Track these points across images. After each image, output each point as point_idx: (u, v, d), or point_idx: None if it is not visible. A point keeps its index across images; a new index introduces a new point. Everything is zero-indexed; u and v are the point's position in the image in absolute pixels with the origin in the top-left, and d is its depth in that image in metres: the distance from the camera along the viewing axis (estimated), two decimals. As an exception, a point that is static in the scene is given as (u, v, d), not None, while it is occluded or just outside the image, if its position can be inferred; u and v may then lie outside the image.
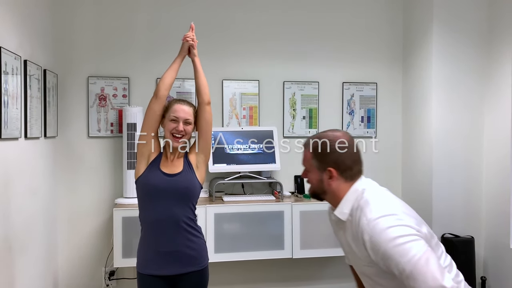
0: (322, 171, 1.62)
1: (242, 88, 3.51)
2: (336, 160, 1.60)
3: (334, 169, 1.60)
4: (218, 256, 3.06)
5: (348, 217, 1.58)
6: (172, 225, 2.00)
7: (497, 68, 3.17)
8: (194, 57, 2.18)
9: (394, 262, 1.40)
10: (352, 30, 3.65)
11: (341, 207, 1.61)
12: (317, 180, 1.64)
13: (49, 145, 3.02)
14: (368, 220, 1.47)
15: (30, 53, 2.61)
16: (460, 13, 3.27)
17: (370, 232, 1.45)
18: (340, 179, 1.61)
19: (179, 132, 2.03)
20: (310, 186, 1.70)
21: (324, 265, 3.61)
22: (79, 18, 3.28)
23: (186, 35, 2.16)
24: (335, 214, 1.62)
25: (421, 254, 1.38)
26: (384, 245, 1.41)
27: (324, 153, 1.62)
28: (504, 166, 3.06)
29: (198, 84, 2.14)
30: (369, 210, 1.50)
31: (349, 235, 1.59)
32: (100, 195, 3.33)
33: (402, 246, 1.39)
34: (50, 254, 3.05)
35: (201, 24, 3.45)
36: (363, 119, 3.68)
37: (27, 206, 2.57)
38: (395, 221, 1.44)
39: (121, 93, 3.35)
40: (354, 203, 1.57)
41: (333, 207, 1.66)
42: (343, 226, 1.63)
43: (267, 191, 3.51)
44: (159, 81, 2.10)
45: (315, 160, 1.64)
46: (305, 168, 1.69)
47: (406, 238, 1.40)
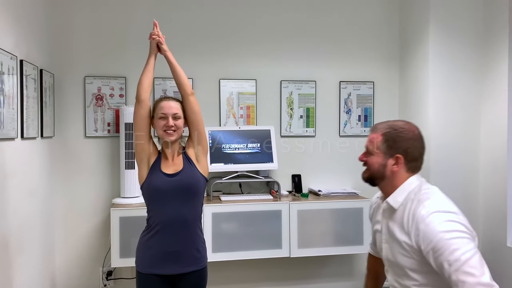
0: (388, 156, 1.65)
1: (239, 87, 3.51)
2: (406, 149, 1.64)
3: (403, 156, 1.63)
4: (216, 256, 3.06)
5: (400, 206, 1.63)
6: (182, 226, 2.01)
7: (493, 67, 3.18)
8: (166, 52, 2.16)
9: (446, 253, 1.44)
10: (349, 29, 3.65)
11: (395, 196, 1.65)
12: (380, 164, 1.66)
13: (46, 145, 3.01)
14: (427, 212, 1.52)
15: (26, 53, 2.60)
16: (457, 12, 3.28)
17: (428, 223, 1.49)
18: (403, 168, 1.65)
19: (170, 127, 2.03)
20: (367, 169, 1.71)
21: (321, 264, 3.61)
22: (76, 18, 3.27)
23: (152, 33, 2.17)
24: (388, 202, 1.66)
25: (475, 251, 1.43)
26: (440, 235, 1.45)
27: (397, 140, 1.65)
28: (500, 165, 3.07)
29: (177, 77, 2.12)
30: (429, 203, 1.55)
31: (396, 223, 1.62)
32: (97, 195, 3.32)
33: (457, 240, 1.44)
34: (47, 254, 3.05)
35: (199, 24, 3.45)
36: (360, 118, 3.68)
37: (24, 207, 2.56)
38: (453, 217, 1.51)
39: (118, 93, 3.34)
40: (409, 194, 1.62)
41: (384, 195, 1.71)
42: (390, 215, 1.67)
43: (265, 191, 3.51)
44: (138, 85, 2.08)
45: (385, 145, 1.65)
46: (369, 150, 1.69)
47: (461, 234, 1.46)
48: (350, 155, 3.66)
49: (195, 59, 3.39)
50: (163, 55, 2.17)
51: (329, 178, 3.63)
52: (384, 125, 1.69)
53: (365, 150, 1.72)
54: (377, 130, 1.69)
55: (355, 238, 3.27)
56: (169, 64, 2.14)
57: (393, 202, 1.64)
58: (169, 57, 2.15)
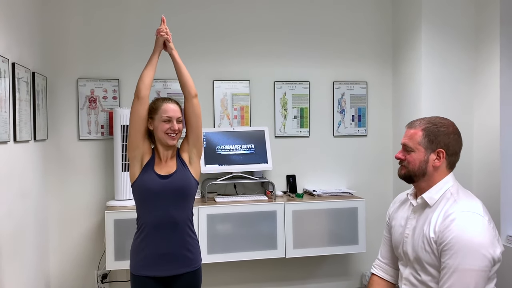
0: (430, 151, 1.65)
1: (233, 89, 3.51)
2: (447, 143, 1.65)
3: (444, 151, 1.64)
4: (211, 257, 3.06)
5: (435, 203, 1.64)
6: (171, 228, 1.99)
7: (485, 68, 3.20)
8: (172, 51, 2.07)
9: (451, 255, 1.47)
10: (342, 30, 3.66)
11: (431, 192, 1.65)
12: (421, 161, 1.65)
13: (39, 148, 2.99)
14: (460, 210, 1.54)
15: (18, 56, 2.59)
16: (448, 13, 3.30)
17: (457, 219, 1.52)
18: (444, 163, 1.66)
19: (175, 131, 2.01)
20: (404, 167, 1.69)
21: (317, 264, 3.62)
22: (68, 20, 3.26)
23: (159, 29, 2.06)
24: (424, 198, 1.66)
25: (477, 280, 1.46)
26: (459, 238, 1.48)
27: (437, 134, 1.65)
28: (494, 164, 3.08)
29: (182, 78, 2.06)
30: (464, 203, 1.58)
31: (427, 219, 1.63)
32: (92, 197, 3.31)
33: (472, 273, 1.46)
34: (41, 258, 3.03)
35: (192, 24, 3.45)
36: (354, 118, 3.69)
37: (17, 210, 2.54)
38: (482, 222, 1.52)
39: (111, 95, 3.33)
40: (446, 193, 1.63)
41: (418, 192, 1.71)
42: (422, 211, 1.67)
43: (260, 191, 3.51)
44: (139, 81, 2.01)
45: (426, 140, 1.65)
46: (409, 148, 1.68)
47: (481, 265, 1.47)
48: (344, 155, 3.67)
49: (188, 59, 3.33)
50: (168, 53, 2.09)
51: (323, 178, 3.64)
52: (421, 121, 1.69)
53: (402, 147, 1.70)
54: (415, 126, 1.68)
55: (350, 238, 3.28)
56: (174, 63, 2.07)
57: (429, 199, 1.65)
58: (175, 56, 2.07)
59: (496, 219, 3.01)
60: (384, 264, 1.90)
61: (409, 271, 1.69)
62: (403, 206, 1.80)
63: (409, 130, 1.69)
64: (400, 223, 1.77)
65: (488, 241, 1.49)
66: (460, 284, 1.45)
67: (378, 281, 1.88)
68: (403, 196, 1.85)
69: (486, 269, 1.47)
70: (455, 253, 1.47)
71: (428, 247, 1.59)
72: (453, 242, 1.49)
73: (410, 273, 1.68)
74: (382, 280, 1.88)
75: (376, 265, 1.93)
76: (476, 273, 1.45)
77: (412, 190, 1.78)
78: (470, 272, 1.45)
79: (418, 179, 1.67)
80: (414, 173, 1.67)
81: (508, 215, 2.99)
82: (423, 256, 1.60)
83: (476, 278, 1.46)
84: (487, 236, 1.50)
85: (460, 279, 1.45)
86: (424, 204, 1.67)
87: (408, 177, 1.70)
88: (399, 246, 1.74)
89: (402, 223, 1.76)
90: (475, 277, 1.45)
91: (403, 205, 1.81)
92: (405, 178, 1.71)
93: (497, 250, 1.52)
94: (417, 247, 1.63)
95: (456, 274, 1.46)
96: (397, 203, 1.87)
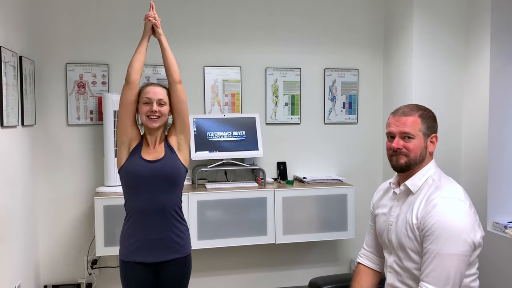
0: (427, 137, 1.66)
1: (224, 75, 3.49)
2: (436, 128, 1.69)
3: (436, 136, 1.68)
4: (201, 243, 3.07)
5: (418, 190, 1.65)
6: (159, 213, 1.99)
7: (476, 55, 3.21)
8: (160, 36, 2.11)
9: (432, 240, 1.50)
10: (334, 17, 3.64)
11: (414, 179, 1.67)
12: (421, 147, 1.66)
13: (27, 134, 2.96)
14: (441, 196, 1.56)
15: (5, 39, 2.54)
16: (440, 1, 3.29)
17: (439, 204, 1.54)
18: (433, 149, 1.70)
19: (154, 113, 2.00)
20: (407, 155, 1.66)
21: (306, 250, 3.65)
22: (56, 4, 3.19)
23: (148, 15, 2.10)
24: (406, 185, 1.67)
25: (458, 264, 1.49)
26: (440, 223, 1.50)
27: (433, 119, 1.68)
28: (481, 151, 3.11)
29: (167, 63, 2.09)
30: (446, 190, 1.59)
31: (410, 206, 1.65)
32: (81, 184, 3.29)
33: (452, 241, 1.49)
34: (30, 244, 3.02)
35: (182, 10, 3.40)
36: (344, 105, 3.69)
37: (4, 197, 2.52)
38: (463, 208, 1.55)
39: (101, 80, 3.29)
40: (428, 180, 1.65)
41: (401, 180, 1.72)
42: (405, 198, 1.68)
43: (250, 178, 3.52)
44: (128, 66, 2.05)
45: (424, 125, 1.66)
46: (409, 135, 1.65)
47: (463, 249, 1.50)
48: (335, 142, 3.68)
49: (178, 45, 3.33)
50: (156, 38, 2.12)
51: (314, 165, 3.65)
52: (411, 107, 1.70)
53: (398, 136, 1.66)
54: (411, 114, 1.66)
55: (339, 224, 3.31)
56: (162, 49, 2.10)
57: (412, 186, 1.66)
58: (163, 42, 2.11)
59: (483, 202, 3.05)
60: (369, 253, 1.92)
61: (393, 259, 1.71)
62: (386, 194, 1.82)
63: (406, 118, 1.65)
64: (383, 211, 1.79)
65: (469, 226, 1.51)
66: (441, 269, 1.47)
67: (364, 269, 1.91)
68: (386, 185, 1.86)
69: (467, 254, 1.50)
70: (436, 238, 1.50)
71: (411, 234, 1.60)
72: (434, 227, 1.51)
73: (394, 260, 1.70)
74: (368, 268, 1.90)
75: (361, 254, 1.96)
76: (457, 257, 1.48)
77: (395, 178, 1.79)
78: (451, 256, 1.48)
79: (416, 166, 1.67)
80: (415, 161, 1.66)
81: (494, 202, 3.03)
82: (406, 243, 1.62)
83: (457, 262, 1.48)
84: (469, 221, 1.52)
85: (442, 263, 1.47)
86: (407, 191, 1.69)
87: (408, 166, 1.67)
88: (383, 233, 1.76)
89: (385, 212, 1.77)
90: (456, 261, 1.48)
91: (386, 194, 1.82)
92: (405, 167, 1.67)
93: (478, 234, 1.54)
94: (400, 234, 1.65)
95: (438, 259, 1.48)
96: (381, 191, 1.88)
